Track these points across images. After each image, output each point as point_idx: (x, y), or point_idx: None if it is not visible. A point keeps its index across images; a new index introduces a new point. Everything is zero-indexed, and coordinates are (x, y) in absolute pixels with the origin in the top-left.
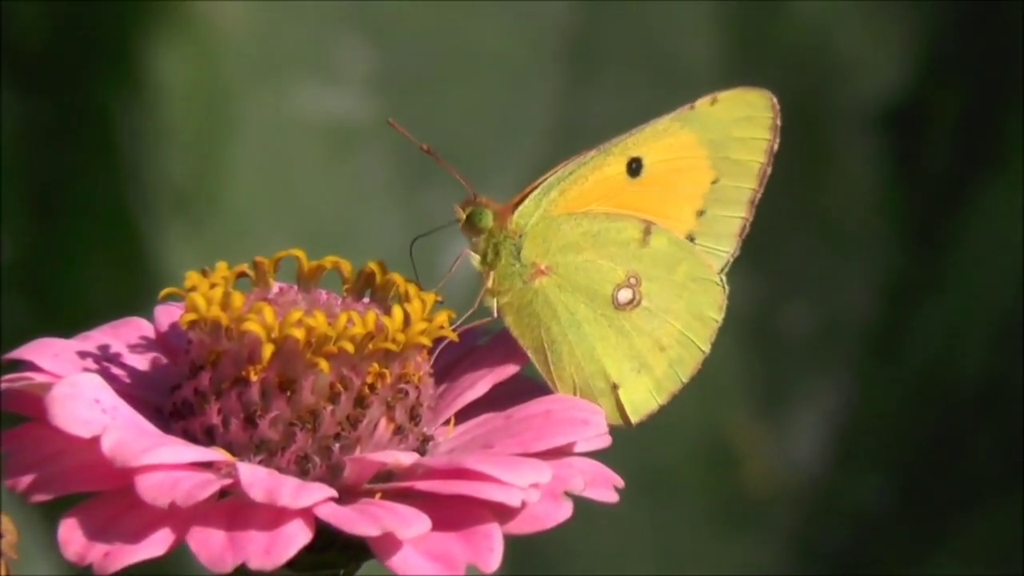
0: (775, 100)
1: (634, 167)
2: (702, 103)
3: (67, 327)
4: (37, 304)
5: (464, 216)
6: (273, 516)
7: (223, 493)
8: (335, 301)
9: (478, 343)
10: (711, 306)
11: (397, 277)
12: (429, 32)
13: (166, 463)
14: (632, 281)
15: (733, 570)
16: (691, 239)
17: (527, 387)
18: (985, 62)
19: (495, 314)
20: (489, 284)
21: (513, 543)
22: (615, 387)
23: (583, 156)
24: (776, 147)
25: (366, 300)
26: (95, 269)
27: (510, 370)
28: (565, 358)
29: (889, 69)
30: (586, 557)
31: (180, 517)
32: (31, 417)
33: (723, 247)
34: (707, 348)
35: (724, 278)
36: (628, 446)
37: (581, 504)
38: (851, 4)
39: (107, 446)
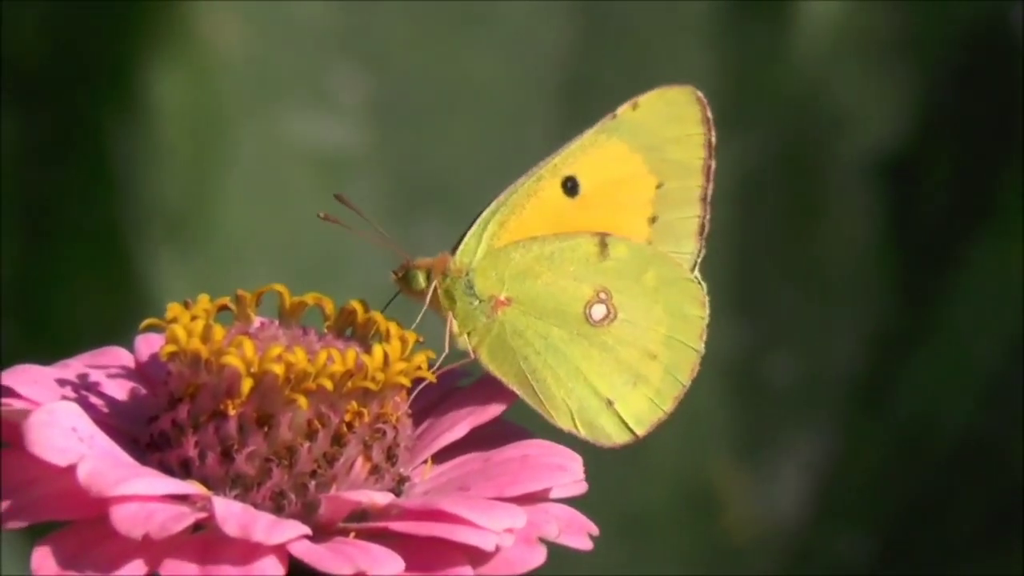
0: (699, 94)
1: (569, 186)
2: (623, 110)
3: (55, 348)
4: (26, 325)
5: (399, 280)
6: (246, 551)
7: (197, 526)
8: (315, 338)
9: (458, 385)
10: (692, 304)
11: (378, 316)
12: (425, 63)
13: (141, 494)
14: (602, 296)
15: None
16: None
17: (506, 430)
18: (981, 117)
19: (471, 356)
20: (454, 328)
21: None
22: (610, 403)
23: (514, 184)
24: (713, 140)
25: (347, 338)
26: (85, 291)
27: (490, 413)
28: (551, 384)
29: (885, 122)
30: None
31: (153, 549)
32: (7, 443)
33: (685, 248)
34: (699, 346)
35: (698, 275)
36: (609, 490)
37: (560, 549)
38: (848, 56)
39: (83, 475)
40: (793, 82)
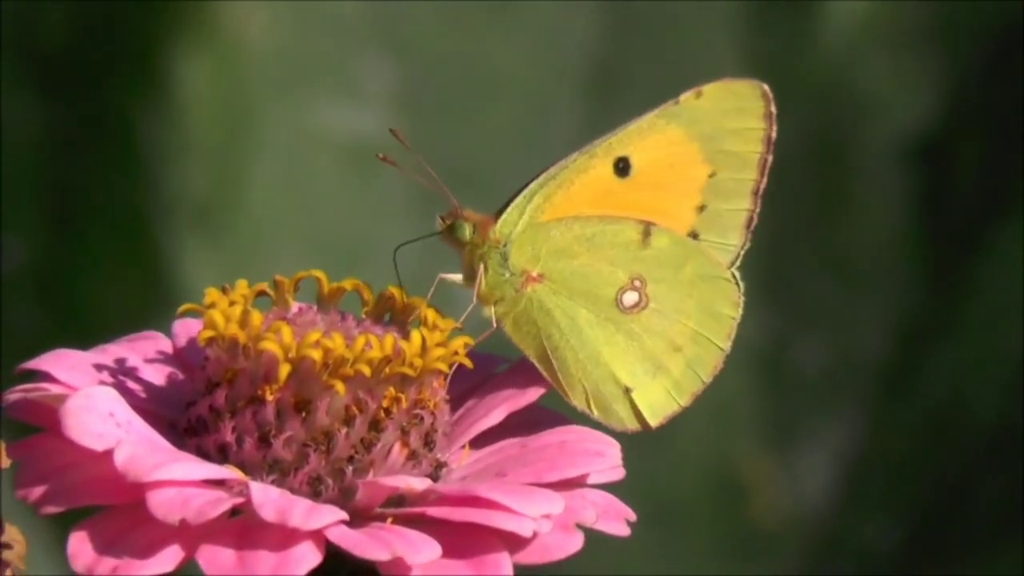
0: (766, 88)
1: (621, 167)
2: (687, 97)
3: (81, 336)
4: (51, 312)
5: (444, 227)
6: (283, 537)
7: (234, 511)
8: (353, 323)
9: (496, 371)
10: (725, 303)
11: (417, 301)
12: (453, 52)
13: (178, 479)
14: (636, 283)
15: None
16: (694, 236)
17: (542, 416)
18: (1007, 104)
19: (495, 325)
20: (479, 294)
21: (520, 572)
22: (628, 390)
23: (565, 160)
24: (774, 135)
25: (385, 323)
26: (111, 278)
27: (526, 399)
28: (570, 364)
29: (912, 110)
30: None
31: (190, 534)
32: (44, 428)
33: (730, 240)
34: (726, 345)
35: (737, 274)
36: (638, 477)
37: (590, 534)
38: (876, 45)
39: (120, 460)
40: (821, 71)
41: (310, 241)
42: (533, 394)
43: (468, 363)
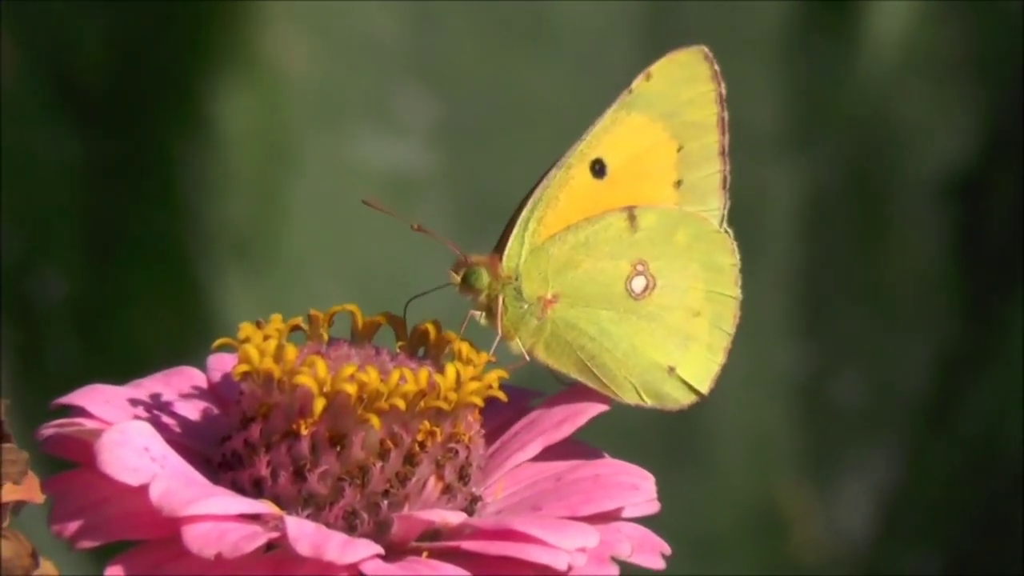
0: (707, 50)
1: (597, 168)
2: (638, 83)
3: (120, 369)
4: (91, 345)
5: (459, 279)
6: (319, 571)
7: (269, 546)
8: (388, 357)
9: (530, 404)
10: (723, 253)
11: (451, 335)
12: (492, 84)
13: (213, 514)
14: (639, 268)
15: None
16: None
17: (578, 449)
18: None
19: (526, 357)
20: (502, 333)
21: None
22: (671, 370)
23: (546, 179)
24: (723, 92)
25: (419, 357)
26: (150, 311)
27: (562, 432)
28: (611, 366)
29: (951, 141)
30: None
31: (226, 568)
32: (79, 463)
33: (711, 205)
34: (736, 293)
35: (726, 227)
36: (677, 511)
37: (629, 568)
38: (914, 75)
39: (155, 495)
40: (859, 102)
41: (349, 273)
42: (568, 428)
43: (502, 396)
